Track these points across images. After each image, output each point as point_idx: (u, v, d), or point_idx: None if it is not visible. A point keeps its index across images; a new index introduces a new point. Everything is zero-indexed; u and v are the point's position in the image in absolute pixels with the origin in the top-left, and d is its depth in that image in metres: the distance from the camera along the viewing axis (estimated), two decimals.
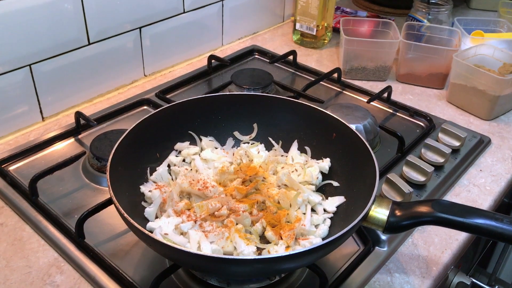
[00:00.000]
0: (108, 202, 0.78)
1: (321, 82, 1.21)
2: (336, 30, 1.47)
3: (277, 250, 0.68)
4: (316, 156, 0.85)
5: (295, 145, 0.86)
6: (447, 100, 1.20)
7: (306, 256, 0.61)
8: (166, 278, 0.69)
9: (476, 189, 0.94)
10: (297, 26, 1.41)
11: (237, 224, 0.71)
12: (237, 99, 0.88)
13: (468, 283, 0.89)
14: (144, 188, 0.77)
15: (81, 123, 1.01)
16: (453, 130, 0.99)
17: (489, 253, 1.40)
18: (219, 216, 0.71)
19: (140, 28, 1.15)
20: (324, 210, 0.77)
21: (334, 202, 0.77)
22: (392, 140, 1.00)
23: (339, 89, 1.22)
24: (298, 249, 0.66)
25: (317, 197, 0.77)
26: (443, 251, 0.81)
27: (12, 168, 0.92)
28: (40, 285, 0.72)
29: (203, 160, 0.83)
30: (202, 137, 0.87)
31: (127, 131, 0.75)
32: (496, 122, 1.13)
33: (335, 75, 1.21)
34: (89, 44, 1.06)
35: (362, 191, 0.71)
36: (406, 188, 0.83)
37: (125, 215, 0.61)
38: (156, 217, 0.74)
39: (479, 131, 1.08)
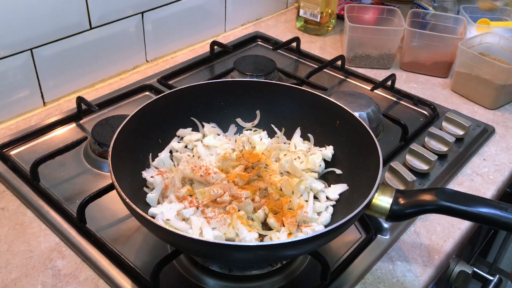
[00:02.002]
0: (110, 188, 0.78)
1: (324, 70, 1.20)
2: (340, 17, 1.45)
3: (279, 237, 0.68)
4: (319, 143, 0.84)
5: (298, 133, 0.86)
6: (451, 88, 1.19)
7: (308, 243, 0.60)
8: (168, 263, 0.69)
9: (479, 178, 0.93)
10: (301, 12, 1.39)
11: (239, 210, 0.71)
12: (240, 85, 0.87)
13: (470, 272, 0.89)
14: (146, 174, 0.76)
15: (83, 108, 1.01)
16: (457, 119, 0.98)
17: (489, 243, 1.40)
18: (221, 203, 0.71)
19: (142, 13, 1.14)
20: (327, 198, 0.76)
21: (336, 190, 0.77)
22: (396, 129, 0.99)
23: (342, 77, 1.21)
24: (300, 236, 0.66)
25: (319, 185, 0.77)
26: (445, 240, 0.80)
27: (13, 152, 0.92)
28: (41, 269, 0.72)
29: (205, 147, 0.83)
30: (205, 124, 0.86)
31: (129, 117, 0.75)
32: (501, 112, 1.12)
33: (339, 62, 1.20)
34: (91, 28, 1.05)
35: (365, 179, 0.71)
36: (409, 177, 0.82)
37: (127, 200, 0.61)
38: (158, 203, 0.73)
39: (483, 120, 1.07)
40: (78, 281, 0.70)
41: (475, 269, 0.91)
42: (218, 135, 0.86)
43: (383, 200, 0.66)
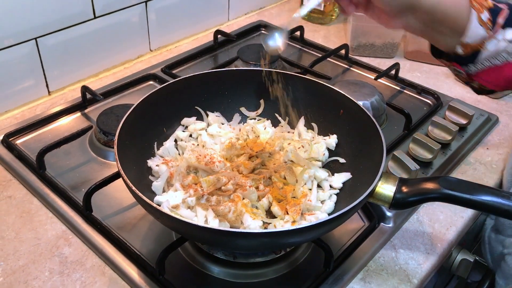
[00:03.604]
0: (116, 176, 0.79)
1: (328, 59, 1.20)
2: None
3: (283, 225, 0.69)
4: (323, 132, 0.84)
5: (302, 122, 0.86)
6: (455, 78, 1.18)
7: (312, 231, 0.61)
8: (173, 251, 0.69)
9: (482, 167, 0.94)
10: (305, 1, 1.39)
11: (243, 198, 0.71)
12: (244, 74, 0.88)
13: (471, 260, 0.90)
14: (151, 163, 0.77)
15: (87, 98, 1.01)
16: (460, 107, 0.98)
17: None
18: (225, 191, 0.72)
19: (146, 2, 1.14)
20: (330, 186, 0.77)
21: (340, 178, 0.77)
22: (399, 117, 0.99)
23: (346, 66, 1.21)
24: (304, 223, 0.67)
25: (323, 173, 0.77)
26: (448, 228, 0.81)
27: (19, 141, 0.93)
28: (48, 256, 0.73)
29: (209, 136, 0.83)
30: (209, 113, 0.87)
31: (134, 106, 0.75)
32: (504, 101, 1.12)
33: (343, 51, 1.20)
34: (95, 18, 1.06)
35: (368, 168, 0.72)
36: (413, 165, 0.83)
37: (134, 188, 0.61)
38: (163, 191, 0.74)
39: (487, 109, 1.07)
40: (84, 268, 0.72)
41: (477, 257, 0.92)
42: (222, 124, 0.87)
43: (386, 189, 0.66)
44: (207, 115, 0.86)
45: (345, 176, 0.77)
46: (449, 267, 0.91)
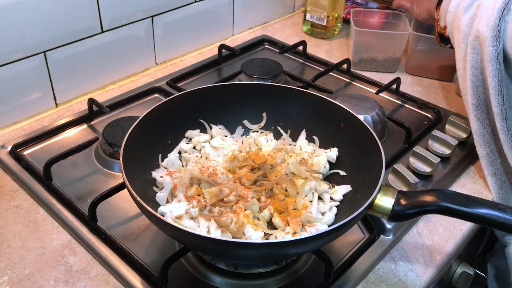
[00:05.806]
0: (121, 187, 0.80)
1: (330, 73, 1.22)
2: (346, 21, 1.47)
3: (284, 236, 0.70)
4: (324, 145, 0.86)
5: (303, 135, 0.87)
6: (456, 92, 1.20)
7: (312, 242, 0.62)
8: (176, 261, 0.71)
9: (481, 181, 0.95)
10: (308, 16, 1.41)
11: (245, 210, 0.73)
12: (247, 88, 0.89)
13: (471, 273, 0.90)
14: (155, 174, 0.78)
15: (94, 110, 1.03)
16: (460, 122, 1.00)
17: (493, 246, 1.41)
18: (227, 202, 0.73)
19: (152, 16, 1.16)
20: (331, 198, 0.78)
21: (340, 191, 0.78)
22: (400, 131, 1.01)
23: (348, 80, 1.23)
24: (304, 234, 0.68)
25: (324, 186, 0.78)
26: (447, 241, 0.82)
27: (26, 152, 0.95)
28: (54, 265, 0.74)
29: (212, 148, 0.85)
30: (212, 125, 0.88)
31: (139, 118, 0.77)
32: None
33: (345, 66, 1.22)
34: (102, 32, 1.08)
35: (368, 181, 0.73)
36: (412, 179, 0.84)
37: (138, 199, 0.63)
38: (167, 202, 0.76)
39: None
40: (89, 277, 0.73)
41: (477, 271, 0.92)
42: (226, 136, 0.88)
43: (385, 201, 0.67)
44: (211, 128, 0.88)
45: (345, 188, 0.79)
46: (449, 280, 0.91)
